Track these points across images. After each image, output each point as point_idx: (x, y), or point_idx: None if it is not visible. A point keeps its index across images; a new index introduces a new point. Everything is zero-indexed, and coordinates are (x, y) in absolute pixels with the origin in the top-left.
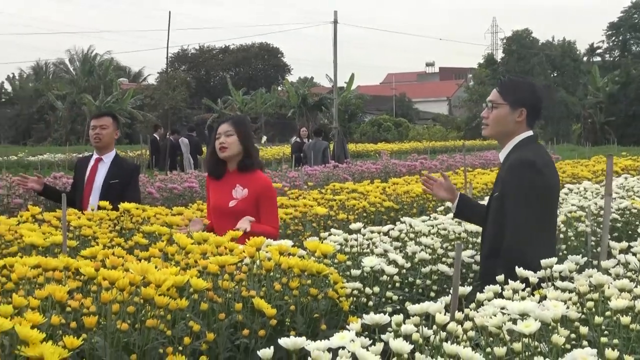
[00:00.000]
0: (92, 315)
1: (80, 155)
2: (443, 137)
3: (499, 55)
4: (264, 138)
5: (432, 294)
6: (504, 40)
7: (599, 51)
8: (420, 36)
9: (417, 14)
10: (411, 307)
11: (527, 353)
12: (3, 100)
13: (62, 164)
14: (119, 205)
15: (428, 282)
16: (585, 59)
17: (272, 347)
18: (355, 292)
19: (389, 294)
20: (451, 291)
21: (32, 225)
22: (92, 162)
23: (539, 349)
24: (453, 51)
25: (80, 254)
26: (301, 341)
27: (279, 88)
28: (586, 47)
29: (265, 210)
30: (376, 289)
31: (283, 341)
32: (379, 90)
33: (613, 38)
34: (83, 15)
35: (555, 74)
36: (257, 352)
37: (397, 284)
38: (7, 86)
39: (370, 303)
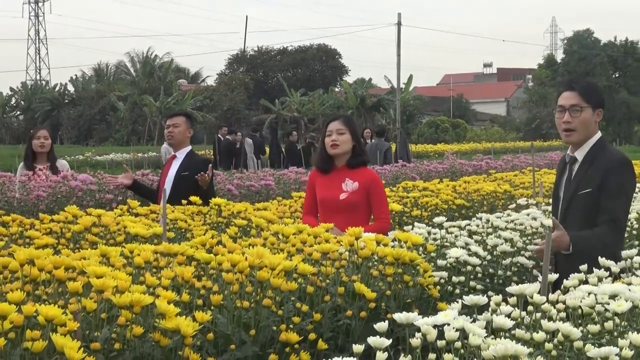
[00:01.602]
0: (217, 294)
1: (145, 155)
2: (501, 138)
3: (559, 55)
4: None
5: (513, 285)
6: (565, 41)
7: None
8: (478, 37)
9: (473, 15)
10: (510, 288)
11: (617, 332)
12: (66, 101)
13: (129, 164)
14: (191, 198)
15: (508, 273)
16: None
17: (386, 322)
18: (442, 280)
19: (472, 283)
20: (540, 279)
21: (133, 217)
22: (168, 160)
23: (628, 328)
24: (511, 52)
25: (190, 243)
26: (413, 316)
27: (337, 89)
28: None
29: (376, 201)
30: (462, 278)
31: (397, 316)
32: (436, 91)
33: None
34: (142, 18)
35: (617, 75)
36: (357, 333)
37: (479, 275)
38: (70, 88)
39: (457, 291)
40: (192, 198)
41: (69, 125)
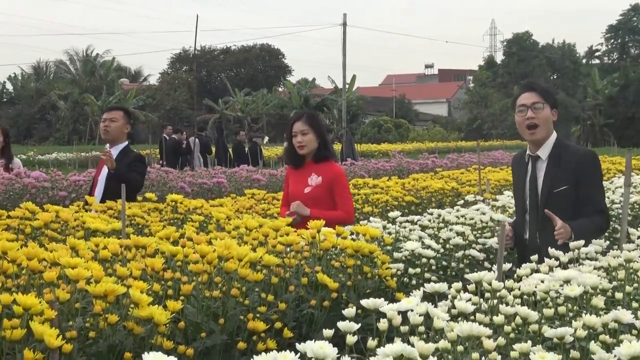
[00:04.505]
0: (186, 285)
1: (89, 155)
2: (443, 138)
3: (498, 57)
4: (266, 138)
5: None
6: (504, 43)
7: (598, 54)
8: (420, 37)
9: (414, 16)
10: (469, 276)
11: (570, 315)
12: (4, 100)
13: (72, 163)
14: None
15: (461, 265)
16: (584, 61)
17: (354, 308)
18: (398, 272)
19: (427, 275)
20: (494, 267)
21: (91, 213)
22: None
23: (580, 311)
24: (451, 53)
25: (157, 236)
26: (380, 302)
27: (280, 89)
28: (585, 49)
29: (338, 195)
30: (417, 270)
31: (365, 302)
32: (378, 91)
33: (612, 41)
34: (80, 16)
35: (555, 76)
36: (320, 322)
37: (433, 267)
38: (9, 86)
39: (414, 282)
40: (148, 195)
41: (8, 124)
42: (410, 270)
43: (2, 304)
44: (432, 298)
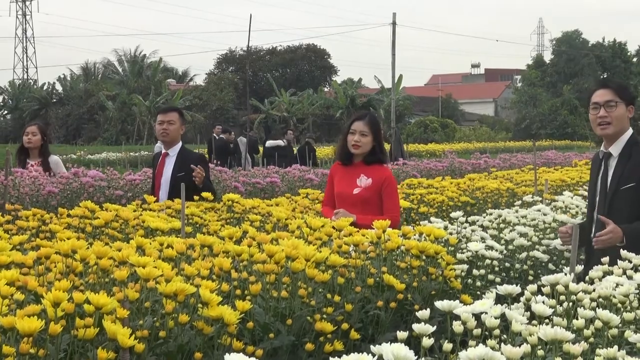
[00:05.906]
0: (254, 284)
1: (137, 154)
2: (490, 138)
3: (546, 56)
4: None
5: (530, 278)
6: (553, 42)
7: None
8: (467, 37)
9: (458, 16)
10: (545, 278)
11: None
12: (54, 100)
13: (121, 162)
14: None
15: (525, 267)
16: (635, 60)
17: (428, 310)
18: (462, 273)
19: (490, 276)
20: (567, 270)
21: (151, 212)
22: (161, 157)
23: None
24: (497, 53)
25: (220, 234)
26: (455, 304)
27: (326, 89)
28: (636, 48)
29: (386, 198)
30: (482, 271)
31: (440, 304)
32: (424, 91)
33: None
34: (128, 17)
35: (605, 75)
36: (386, 324)
37: (495, 269)
38: (58, 87)
39: (478, 283)
40: (204, 194)
41: (57, 124)
42: (475, 272)
43: (75, 303)
44: (499, 300)
